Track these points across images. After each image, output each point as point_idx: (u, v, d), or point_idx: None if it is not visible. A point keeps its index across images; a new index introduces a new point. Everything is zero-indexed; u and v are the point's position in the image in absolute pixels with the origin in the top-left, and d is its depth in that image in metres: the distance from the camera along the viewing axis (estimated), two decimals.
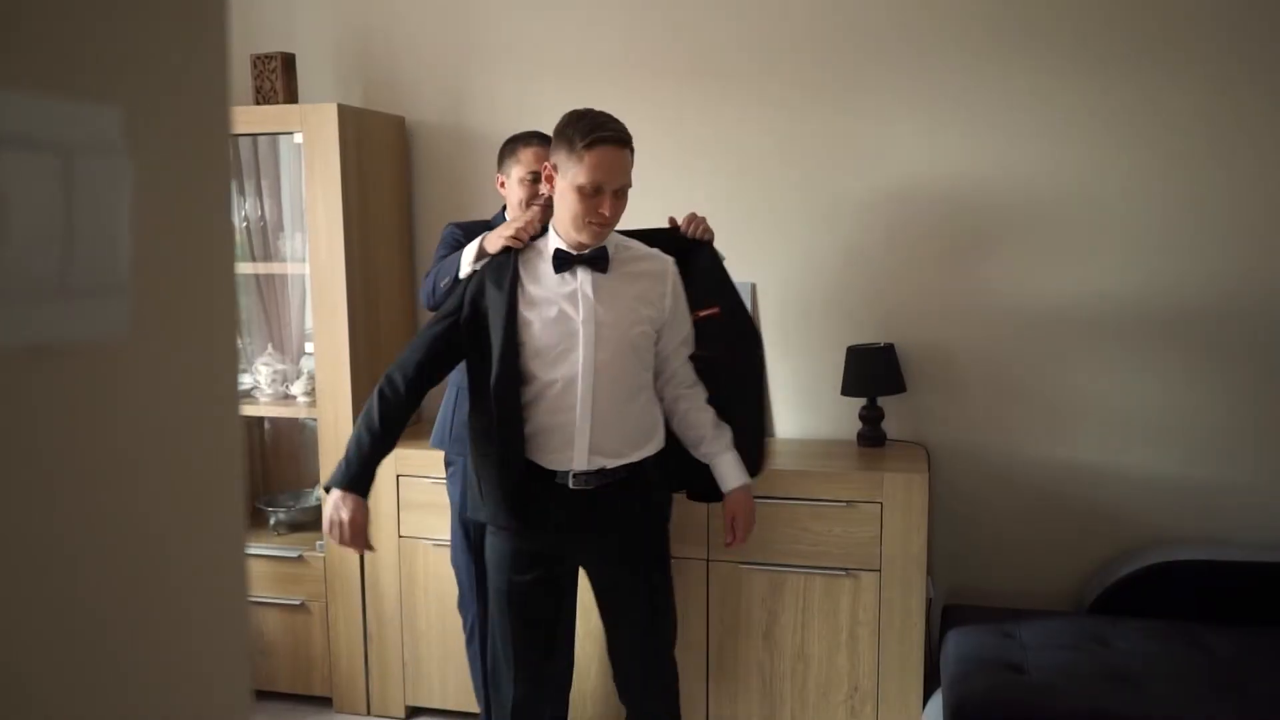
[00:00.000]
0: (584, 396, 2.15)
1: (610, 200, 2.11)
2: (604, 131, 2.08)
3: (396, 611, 3.07)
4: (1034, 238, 2.99)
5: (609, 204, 2.10)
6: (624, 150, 2.12)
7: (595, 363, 2.15)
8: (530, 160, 2.52)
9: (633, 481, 2.22)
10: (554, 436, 2.17)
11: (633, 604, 2.29)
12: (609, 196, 2.10)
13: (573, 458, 2.16)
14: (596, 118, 2.11)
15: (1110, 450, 3.00)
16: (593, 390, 2.15)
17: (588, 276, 2.18)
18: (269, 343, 3.43)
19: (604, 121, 2.10)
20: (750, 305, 3.17)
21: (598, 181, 2.08)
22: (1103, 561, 3.01)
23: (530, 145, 2.55)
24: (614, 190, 2.11)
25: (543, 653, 2.28)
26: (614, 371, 2.16)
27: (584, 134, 2.07)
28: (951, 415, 3.09)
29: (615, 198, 2.12)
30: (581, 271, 2.18)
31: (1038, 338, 3.01)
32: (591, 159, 2.07)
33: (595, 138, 2.06)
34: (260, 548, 3.17)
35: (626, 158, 2.13)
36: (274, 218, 3.40)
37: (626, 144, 2.13)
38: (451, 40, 3.33)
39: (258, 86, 3.13)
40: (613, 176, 2.10)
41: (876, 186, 3.07)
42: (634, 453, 2.21)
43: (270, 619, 3.18)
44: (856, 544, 2.75)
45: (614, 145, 2.08)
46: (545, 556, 2.24)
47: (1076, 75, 2.90)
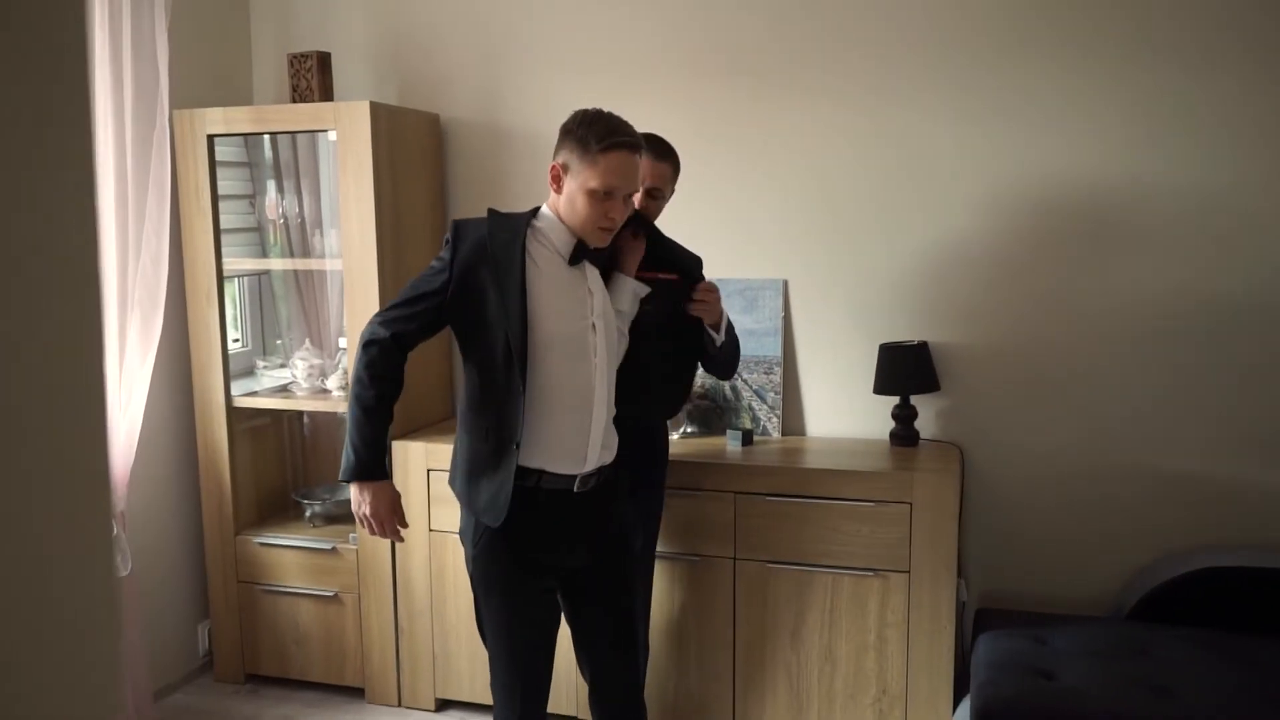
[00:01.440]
0: (600, 395, 2.14)
1: (622, 205, 2.09)
2: (621, 136, 2.04)
3: (427, 605, 3.10)
4: (1073, 235, 2.91)
5: (619, 209, 2.09)
6: (638, 156, 2.09)
7: (607, 360, 2.17)
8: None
9: (606, 479, 2.22)
10: (569, 439, 2.12)
11: (600, 597, 2.24)
12: (619, 201, 2.08)
13: (586, 459, 2.13)
14: (612, 121, 2.07)
15: (1153, 452, 2.91)
16: (606, 388, 2.16)
17: (595, 274, 2.18)
18: (306, 337, 3.48)
19: (620, 125, 2.07)
20: (782, 301, 3.14)
21: (611, 186, 2.05)
22: (1143, 567, 2.93)
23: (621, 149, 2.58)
24: (625, 196, 2.10)
25: (544, 659, 2.24)
26: (606, 362, 2.18)
27: (600, 137, 2.03)
28: (986, 415, 3.03)
29: (626, 202, 2.11)
30: (589, 268, 2.17)
31: (1076, 337, 2.94)
32: (607, 163, 2.03)
33: (612, 142, 2.03)
34: (295, 539, 3.22)
35: (640, 163, 2.12)
36: (313, 214, 3.44)
37: (640, 149, 2.11)
38: (485, 38, 3.34)
39: (294, 85, 3.17)
40: (626, 182, 2.07)
41: (910, 183, 3.02)
42: (613, 443, 2.23)
43: (304, 609, 3.23)
44: (885, 544, 2.71)
45: (630, 150, 2.06)
46: (542, 567, 2.18)
47: (1120, 68, 2.82)
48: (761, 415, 3.16)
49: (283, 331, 3.62)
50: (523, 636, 2.19)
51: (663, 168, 2.49)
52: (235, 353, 3.45)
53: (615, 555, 2.26)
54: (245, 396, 3.27)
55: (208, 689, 3.31)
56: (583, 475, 2.14)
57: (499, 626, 2.18)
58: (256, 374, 3.43)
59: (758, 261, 3.16)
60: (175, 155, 3.14)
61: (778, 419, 3.15)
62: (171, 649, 3.30)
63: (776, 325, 3.14)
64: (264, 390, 3.35)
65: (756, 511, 2.79)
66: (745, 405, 3.16)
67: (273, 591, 3.25)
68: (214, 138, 3.15)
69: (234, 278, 3.52)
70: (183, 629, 3.34)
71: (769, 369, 3.15)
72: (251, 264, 3.40)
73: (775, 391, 3.15)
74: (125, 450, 2.82)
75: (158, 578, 3.23)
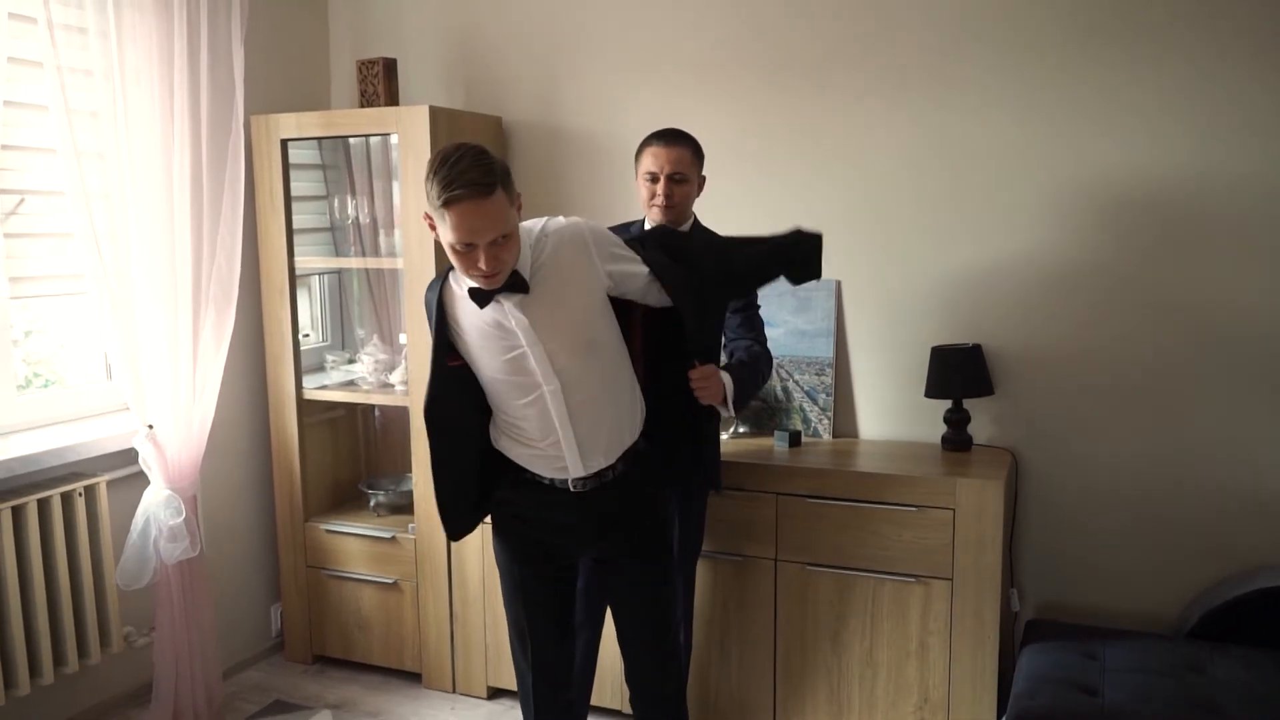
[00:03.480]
0: (560, 417, 2.10)
1: (485, 254, 1.90)
2: (457, 188, 1.85)
3: (480, 595, 3.18)
4: (1137, 235, 2.80)
5: (484, 258, 1.91)
6: (486, 200, 1.87)
7: (558, 379, 2.08)
8: (647, 162, 2.59)
9: (630, 474, 2.22)
10: (547, 459, 2.16)
11: (635, 592, 2.29)
12: (483, 250, 1.90)
13: (567, 469, 2.17)
14: (455, 168, 1.86)
15: (1221, 466, 2.78)
16: (566, 407, 2.10)
17: (511, 301, 2.04)
18: (375, 334, 3.61)
19: (460, 173, 1.85)
20: (835, 303, 3.11)
21: (462, 240, 1.90)
22: (1207, 584, 2.79)
23: (649, 145, 2.61)
24: (488, 243, 1.90)
25: (555, 639, 2.30)
26: (576, 378, 2.09)
27: (440, 191, 1.87)
28: (1043, 421, 2.94)
29: (494, 247, 1.91)
30: (505, 300, 2.03)
31: (1140, 342, 2.82)
32: (452, 218, 1.88)
33: (449, 196, 1.86)
34: (359, 527, 3.35)
35: (491, 206, 1.88)
36: (384, 215, 3.57)
37: (488, 192, 1.87)
38: (546, 40, 3.41)
39: (362, 90, 3.30)
40: (479, 232, 1.88)
41: (964, 182, 2.95)
42: (626, 440, 2.21)
43: (367, 595, 3.35)
44: (927, 550, 2.66)
45: (472, 199, 1.86)
46: (549, 552, 2.26)
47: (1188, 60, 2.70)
48: (812, 417, 3.14)
49: (354, 328, 3.76)
50: (528, 617, 2.28)
51: (678, 152, 2.55)
52: (311, 347, 3.61)
53: (646, 552, 2.28)
54: (315, 390, 3.41)
55: (278, 668, 3.48)
56: (575, 479, 2.17)
57: (506, 606, 2.33)
58: (326, 368, 3.57)
59: None
60: (252, 158, 3.30)
61: (829, 421, 3.12)
62: (246, 628, 3.47)
63: (829, 326, 3.11)
64: (333, 384, 3.49)
65: (797, 513, 2.77)
66: (796, 406, 3.14)
67: (338, 577, 3.39)
68: (288, 141, 3.30)
69: (313, 275, 3.69)
70: (257, 610, 3.52)
71: (820, 370, 3.13)
72: (321, 262, 3.54)
73: (827, 393, 3.12)
74: (197, 439, 2.98)
75: (233, 560, 3.40)
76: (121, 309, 2.79)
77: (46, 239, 2.82)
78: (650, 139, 2.60)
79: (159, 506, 2.84)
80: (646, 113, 3.20)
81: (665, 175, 2.54)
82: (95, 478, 2.82)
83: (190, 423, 2.95)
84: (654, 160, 2.56)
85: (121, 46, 2.76)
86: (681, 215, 2.61)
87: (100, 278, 2.73)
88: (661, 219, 2.58)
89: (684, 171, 2.56)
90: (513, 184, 1.99)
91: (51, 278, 2.84)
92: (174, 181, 2.89)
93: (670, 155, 2.54)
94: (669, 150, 2.55)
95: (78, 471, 2.83)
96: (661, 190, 2.54)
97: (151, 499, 2.85)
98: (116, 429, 2.93)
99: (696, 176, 2.62)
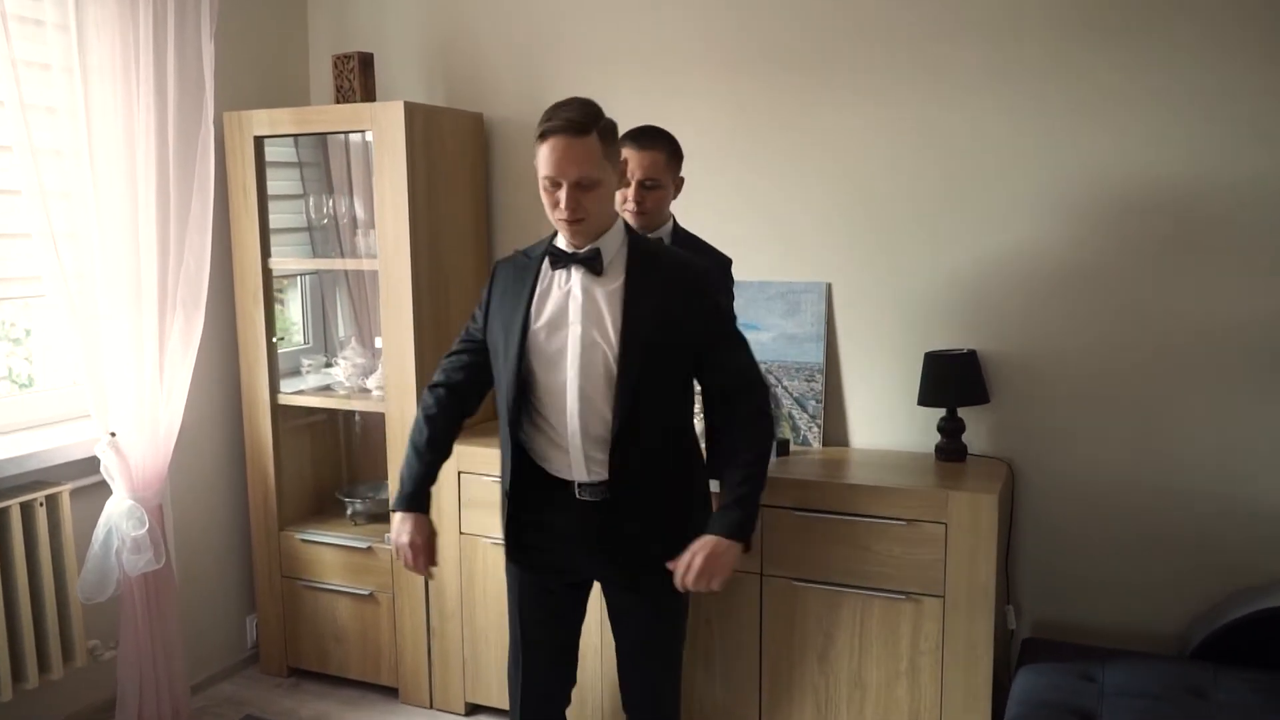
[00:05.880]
0: (572, 405, 2.04)
1: (568, 194, 1.94)
2: (554, 121, 1.92)
3: (457, 608, 3.08)
4: (1141, 240, 2.68)
5: (566, 198, 1.94)
6: (577, 139, 1.92)
7: (580, 370, 2.03)
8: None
9: (649, 500, 2.09)
10: (553, 446, 2.10)
11: (637, 626, 2.20)
12: (566, 190, 1.94)
13: (571, 466, 2.08)
14: (559, 107, 1.96)
15: (1227, 479, 2.66)
16: (579, 400, 2.03)
17: (578, 277, 2.05)
18: (354, 337, 3.51)
19: (561, 109, 1.95)
20: (825, 306, 3.00)
21: (550, 174, 1.95)
22: (1211, 602, 2.68)
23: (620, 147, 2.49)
24: (572, 183, 1.94)
25: (549, 659, 2.23)
26: (595, 385, 2.03)
27: (540, 123, 1.96)
28: (1041, 431, 2.82)
29: (578, 190, 1.95)
30: (575, 271, 2.05)
31: (1143, 350, 2.71)
32: (544, 151, 1.95)
33: (545, 128, 1.94)
34: (333, 537, 3.25)
35: (582, 147, 1.92)
36: (365, 214, 3.47)
37: (583, 132, 1.93)
38: (529, 36, 3.30)
39: (338, 86, 3.20)
40: (564, 169, 1.93)
41: (959, 183, 2.83)
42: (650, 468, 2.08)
43: (342, 606, 3.25)
44: (918, 566, 2.55)
45: (564, 135, 1.92)
46: (555, 567, 2.18)
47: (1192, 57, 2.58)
48: (802, 425, 3.03)
49: (332, 331, 3.66)
50: (521, 624, 2.23)
51: (652, 156, 2.41)
52: (288, 351, 3.51)
53: (639, 577, 2.15)
54: (290, 395, 3.31)
55: (253, 680, 3.38)
56: (581, 483, 2.08)
57: (508, 613, 2.28)
58: (302, 372, 3.47)
59: (800, 264, 3.03)
60: (224, 156, 3.21)
61: (819, 429, 3.01)
62: (220, 639, 3.38)
63: (819, 331, 3.00)
64: (309, 389, 3.39)
65: (783, 526, 2.66)
66: (785, 414, 3.03)
67: (313, 587, 3.29)
68: (262, 139, 3.20)
69: (294, 276, 3.59)
70: (231, 621, 3.42)
71: (810, 376, 3.01)
72: (296, 264, 3.44)
73: (816, 400, 3.01)
74: (164, 446, 2.88)
75: (206, 570, 3.30)
76: (82, 312, 2.69)
77: (3, 240, 2.72)
78: (622, 140, 2.46)
79: (121, 517, 2.74)
80: (632, 110, 3.08)
81: (637, 181, 2.40)
82: (58, 486, 2.72)
83: (156, 430, 2.85)
84: (625, 164, 2.44)
85: (83, 40, 2.67)
86: (655, 221, 2.48)
87: (59, 279, 2.63)
88: (633, 225, 2.45)
89: (657, 177, 2.42)
90: (616, 145, 2.04)
91: (11, 280, 2.74)
92: (139, 180, 2.79)
93: (643, 160, 2.40)
94: (642, 154, 2.40)
95: (40, 480, 2.73)
96: (633, 196, 2.41)
97: (114, 509, 2.75)
98: (82, 435, 2.84)
99: (672, 180, 2.48)
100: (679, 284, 2.05)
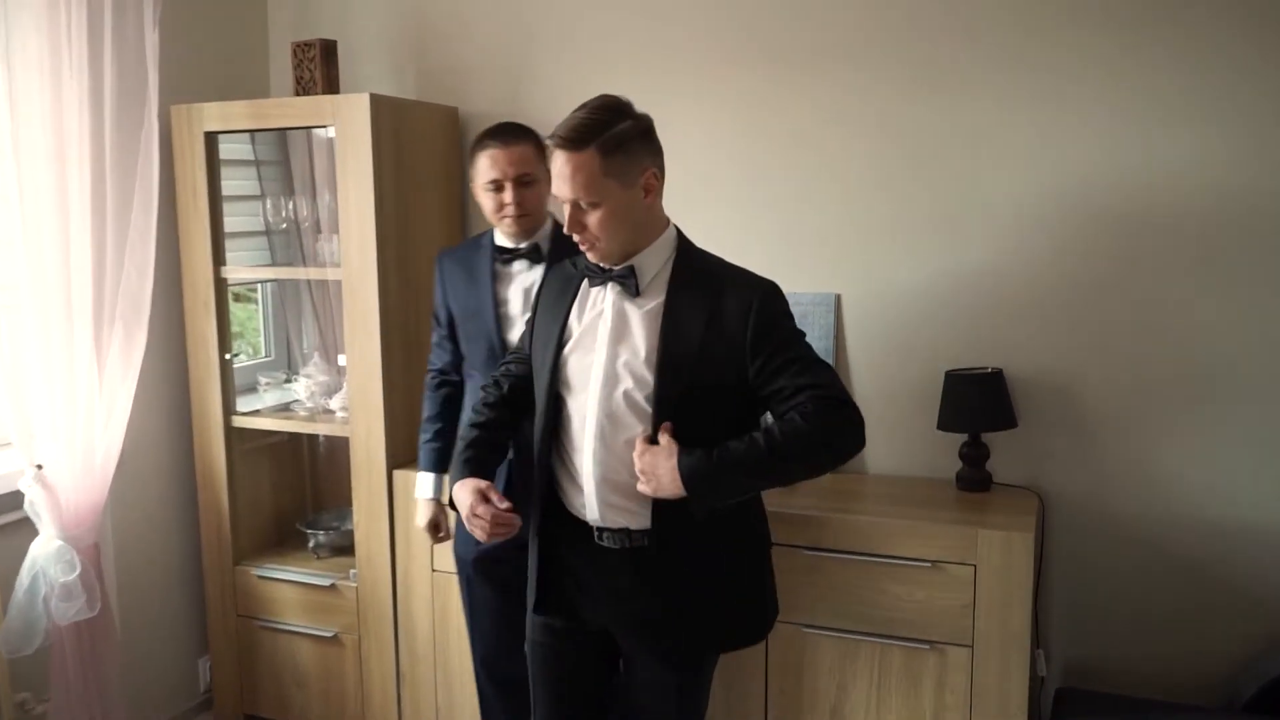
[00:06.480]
0: (590, 439, 1.81)
1: (569, 217, 1.77)
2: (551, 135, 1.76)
3: (430, 650, 2.80)
4: (1189, 252, 2.43)
5: (568, 219, 1.77)
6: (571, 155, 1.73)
7: (600, 400, 1.80)
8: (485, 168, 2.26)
9: (678, 559, 1.81)
10: (571, 479, 1.87)
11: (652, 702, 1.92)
12: (566, 209, 1.78)
13: (585, 505, 1.83)
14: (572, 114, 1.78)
15: (1275, 509, 2.41)
16: (599, 432, 1.80)
17: (612, 296, 1.83)
18: (316, 352, 3.22)
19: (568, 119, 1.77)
20: (833, 319, 2.73)
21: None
22: (1261, 646, 2.43)
23: (483, 148, 2.28)
24: (566, 206, 1.77)
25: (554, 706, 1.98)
26: (619, 419, 1.80)
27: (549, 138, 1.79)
28: (1074, 458, 2.57)
29: (579, 212, 1.76)
30: (611, 290, 1.83)
31: (1186, 369, 2.46)
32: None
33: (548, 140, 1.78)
34: (293, 573, 2.96)
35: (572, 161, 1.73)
36: (329, 218, 3.18)
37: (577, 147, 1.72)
38: (508, 25, 3.02)
39: (297, 77, 2.91)
40: (558, 186, 1.77)
41: (985, 185, 2.57)
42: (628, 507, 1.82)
43: (304, 650, 2.96)
44: (944, 613, 2.29)
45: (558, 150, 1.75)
46: (568, 613, 1.93)
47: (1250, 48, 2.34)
48: None
49: (296, 344, 3.37)
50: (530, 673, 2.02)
51: (520, 150, 2.25)
52: (245, 365, 3.21)
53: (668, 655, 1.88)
54: (245, 416, 3.02)
55: None
56: (598, 528, 1.84)
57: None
58: (259, 390, 3.18)
59: (806, 274, 2.76)
60: (174, 155, 2.91)
61: None
62: (170, 684, 3.07)
63: (827, 346, 2.74)
64: (266, 409, 3.10)
65: (793, 566, 2.39)
66: None
67: (272, 628, 2.99)
68: (215, 135, 2.91)
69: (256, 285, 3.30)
70: (182, 663, 3.11)
71: None
72: (251, 272, 3.15)
73: None
74: (100, 479, 2.58)
75: (154, 610, 3.00)
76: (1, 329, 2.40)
77: None
78: (483, 140, 2.27)
79: (49, 560, 2.44)
80: None
81: (511, 180, 2.22)
82: None
83: (91, 459, 2.56)
84: (493, 165, 2.23)
85: (7, 29, 2.37)
86: (536, 222, 2.29)
87: None
88: (515, 230, 2.26)
89: (530, 171, 2.24)
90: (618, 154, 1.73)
91: None
92: (71, 182, 2.49)
93: (511, 156, 2.23)
94: (509, 150, 2.23)
95: None
96: (510, 198, 2.23)
97: (39, 551, 2.45)
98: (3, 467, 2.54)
99: (545, 175, 2.23)
100: (732, 302, 1.76)
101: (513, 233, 2.29)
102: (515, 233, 2.29)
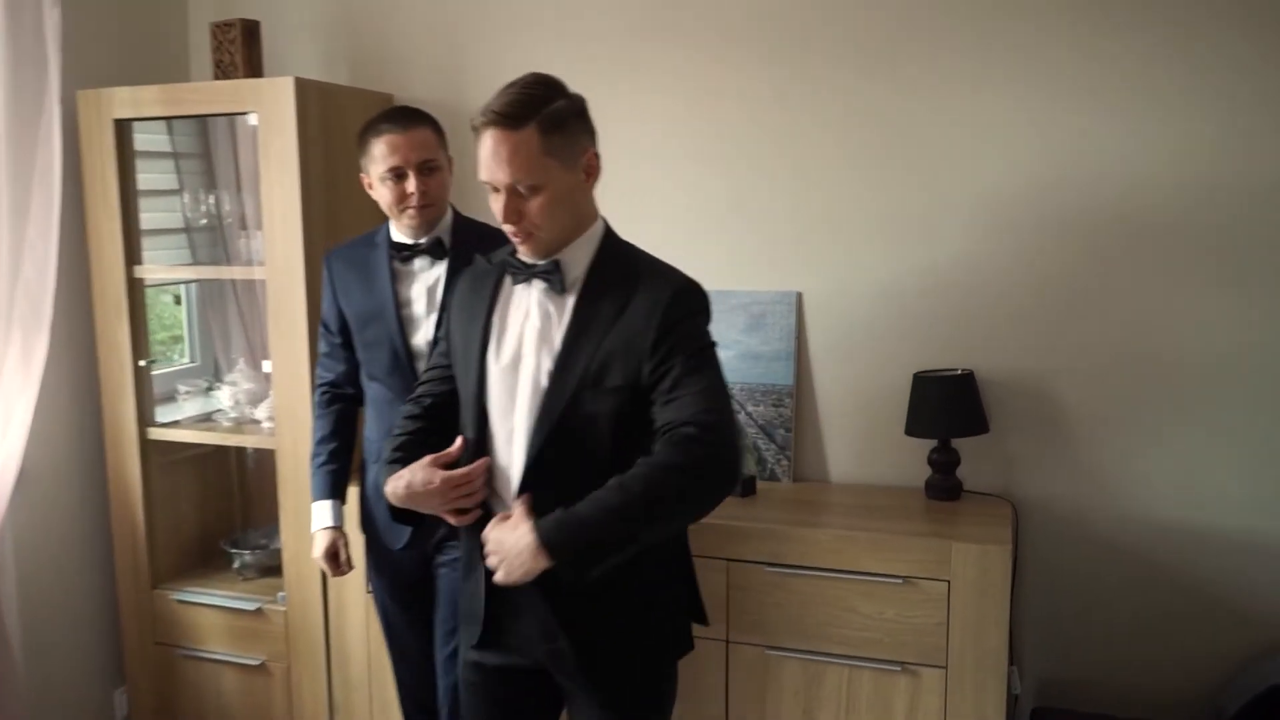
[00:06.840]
0: (519, 465, 1.61)
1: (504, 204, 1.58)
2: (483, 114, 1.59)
3: (365, 678, 2.60)
4: (1163, 253, 2.32)
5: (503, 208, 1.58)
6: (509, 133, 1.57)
7: (535, 420, 1.60)
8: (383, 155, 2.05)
9: (620, 599, 1.62)
10: (499, 500, 1.67)
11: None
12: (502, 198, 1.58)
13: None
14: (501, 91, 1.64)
15: (1263, 521, 2.31)
16: (531, 458, 1.60)
17: (537, 294, 1.63)
18: (241, 358, 2.99)
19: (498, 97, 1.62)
20: (795, 318, 2.58)
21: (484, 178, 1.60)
22: (1247, 662, 2.32)
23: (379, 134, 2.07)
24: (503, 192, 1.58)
25: None
26: (559, 441, 1.58)
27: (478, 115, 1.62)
28: (1047, 464, 2.44)
29: (515, 199, 1.57)
30: (536, 287, 1.63)
31: (1164, 371, 2.35)
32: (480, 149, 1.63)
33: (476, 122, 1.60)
34: (216, 596, 2.74)
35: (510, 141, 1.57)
36: (254, 213, 2.96)
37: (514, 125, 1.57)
38: (446, 8, 2.83)
39: (217, 60, 2.69)
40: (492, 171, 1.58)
41: (958, 177, 2.44)
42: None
43: (227, 679, 2.75)
44: (916, 632, 2.14)
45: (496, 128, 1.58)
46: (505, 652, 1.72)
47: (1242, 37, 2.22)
48: (769, 457, 2.60)
49: (221, 349, 3.14)
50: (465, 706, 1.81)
51: (420, 134, 2.06)
52: (164, 372, 2.98)
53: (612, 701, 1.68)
54: (163, 427, 2.79)
55: None
56: None
57: None
58: (178, 399, 2.95)
59: (765, 270, 2.61)
60: (81, 145, 2.68)
61: (788, 461, 2.59)
62: (83, 718, 2.84)
63: (788, 348, 2.58)
64: (186, 419, 2.87)
65: (753, 584, 2.24)
66: (749, 444, 2.61)
67: (193, 656, 2.77)
68: (126, 124, 2.68)
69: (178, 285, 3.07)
70: (95, 695, 2.87)
71: (778, 400, 2.59)
72: (168, 272, 2.92)
73: (785, 428, 2.59)
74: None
75: (62, 638, 2.76)
76: None
77: None
78: (377, 125, 2.06)
79: None
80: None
81: (414, 167, 2.03)
82: None
83: None
84: (392, 151, 2.02)
85: None
86: (439, 213, 2.10)
87: None
88: (418, 222, 2.07)
89: (433, 157, 2.06)
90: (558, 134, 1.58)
91: None
92: None
93: (413, 140, 2.04)
94: (409, 135, 2.03)
95: None
96: (414, 187, 2.03)
97: None
98: None
99: (446, 159, 2.11)
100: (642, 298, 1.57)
101: (414, 225, 2.07)
102: (417, 225, 2.07)
